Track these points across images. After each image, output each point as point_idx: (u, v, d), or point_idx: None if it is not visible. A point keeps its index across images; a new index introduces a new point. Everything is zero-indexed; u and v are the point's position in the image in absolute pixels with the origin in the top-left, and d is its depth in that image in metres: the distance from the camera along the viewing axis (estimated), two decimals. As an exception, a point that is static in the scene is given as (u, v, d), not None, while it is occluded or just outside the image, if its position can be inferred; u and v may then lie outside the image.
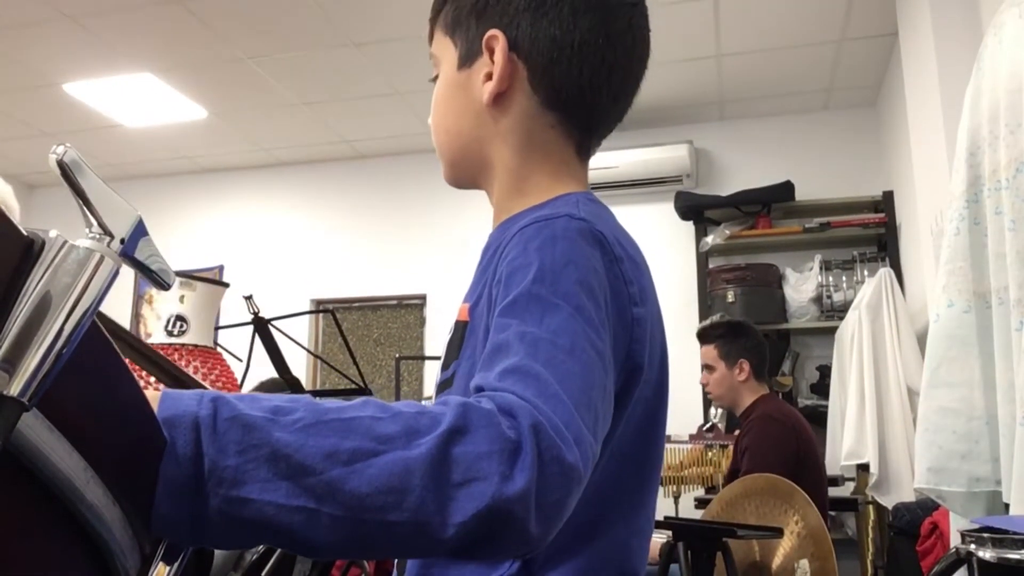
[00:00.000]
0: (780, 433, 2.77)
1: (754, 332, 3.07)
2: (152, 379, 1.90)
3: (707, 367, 3.03)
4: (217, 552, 1.07)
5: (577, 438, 0.55)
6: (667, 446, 3.53)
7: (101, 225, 0.42)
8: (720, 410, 3.83)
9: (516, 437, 0.52)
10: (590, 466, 0.57)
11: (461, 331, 0.79)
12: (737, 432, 3.08)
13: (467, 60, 0.84)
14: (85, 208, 0.42)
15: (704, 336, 3.07)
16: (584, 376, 0.61)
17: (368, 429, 0.50)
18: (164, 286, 0.46)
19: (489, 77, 0.81)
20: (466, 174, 0.88)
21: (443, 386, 0.80)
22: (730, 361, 2.95)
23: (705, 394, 3.91)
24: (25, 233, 0.40)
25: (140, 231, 0.43)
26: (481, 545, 0.51)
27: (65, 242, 0.40)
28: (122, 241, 0.42)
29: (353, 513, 0.48)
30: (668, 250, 4.75)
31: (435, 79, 0.89)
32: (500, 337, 0.63)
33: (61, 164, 0.41)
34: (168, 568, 0.48)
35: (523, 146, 0.83)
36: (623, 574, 0.76)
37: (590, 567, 0.73)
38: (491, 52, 0.82)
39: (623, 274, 0.72)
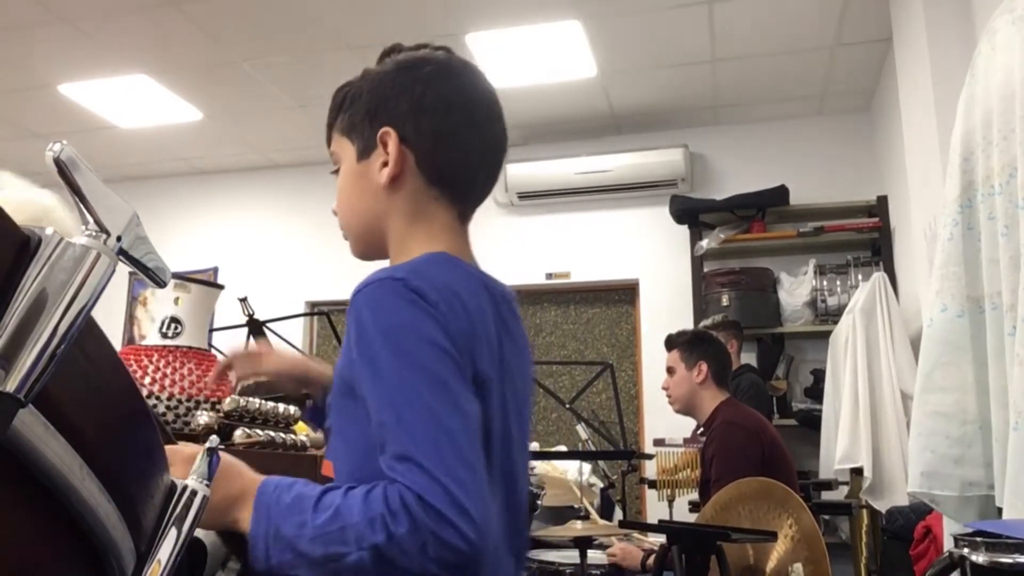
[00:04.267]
0: (744, 437, 2.80)
1: (718, 342, 3.14)
2: (147, 380, 1.90)
3: (669, 370, 3.09)
4: (209, 552, 1.07)
5: (460, 510, 0.77)
6: (661, 450, 3.53)
7: (97, 222, 0.42)
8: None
9: (404, 531, 0.77)
10: (480, 517, 0.78)
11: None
12: (701, 433, 3.11)
13: (364, 153, 1.04)
14: (81, 205, 0.42)
15: (670, 343, 3.15)
16: (453, 441, 0.81)
17: (331, 539, 0.81)
18: (160, 283, 0.46)
19: (385, 164, 1.02)
20: (370, 246, 1.08)
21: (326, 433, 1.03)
22: (690, 363, 2.99)
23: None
24: (22, 229, 0.39)
25: (136, 229, 0.43)
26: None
27: (61, 239, 0.40)
28: (118, 238, 0.42)
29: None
30: (663, 254, 4.75)
31: (336, 171, 1.08)
32: (377, 418, 0.84)
33: (58, 162, 0.41)
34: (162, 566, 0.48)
35: (412, 216, 1.03)
36: None
37: None
38: (384, 145, 1.02)
39: (442, 315, 0.87)
